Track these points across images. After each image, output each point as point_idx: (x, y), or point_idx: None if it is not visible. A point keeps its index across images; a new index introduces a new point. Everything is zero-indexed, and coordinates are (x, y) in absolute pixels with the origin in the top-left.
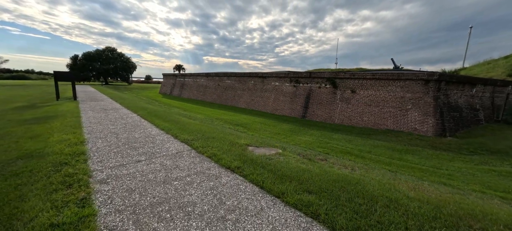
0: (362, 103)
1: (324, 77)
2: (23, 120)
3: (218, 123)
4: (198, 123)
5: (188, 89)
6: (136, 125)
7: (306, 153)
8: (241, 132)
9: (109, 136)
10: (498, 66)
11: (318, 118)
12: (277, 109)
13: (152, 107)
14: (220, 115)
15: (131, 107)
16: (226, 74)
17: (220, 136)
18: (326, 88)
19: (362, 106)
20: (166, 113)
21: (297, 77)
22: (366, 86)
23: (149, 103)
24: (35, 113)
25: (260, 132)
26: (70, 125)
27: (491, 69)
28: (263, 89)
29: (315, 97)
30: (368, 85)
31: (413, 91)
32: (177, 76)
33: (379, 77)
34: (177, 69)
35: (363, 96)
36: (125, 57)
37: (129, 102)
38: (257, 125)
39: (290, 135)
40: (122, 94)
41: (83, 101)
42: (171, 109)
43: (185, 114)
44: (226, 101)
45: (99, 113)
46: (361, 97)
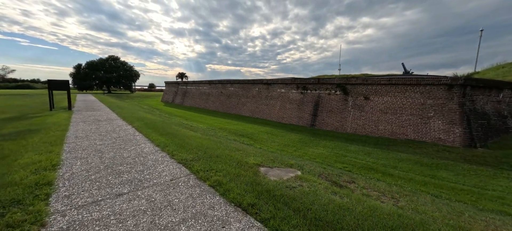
0: (377, 111)
1: (334, 83)
2: (0, 134)
3: (222, 134)
4: (199, 136)
5: (190, 97)
6: (128, 140)
7: (327, 172)
8: (247, 144)
9: (91, 155)
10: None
11: (328, 127)
12: (283, 118)
13: (151, 117)
14: (224, 125)
15: (128, 117)
16: (229, 81)
17: (225, 154)
18: (336, 94)
19: (377, 114)
20: (165, 124)
21: (305, 83)
22: (381, 92)
23: (149, 112)
24: (18, 126)
25: (268, 144)
26: (50, 142)
27: (507, 72)
28: (268, 96)
29: (325, 104)
30: (383, 91)
31: (434, 97)
32: (179, 84)
33: (395, 82)
34: (180, 77)
35: (377, 103)
36: (128, 65)
37: (127, 111)
38: (264, 135)
39: (301, 147)
40: (122, 103)
41: (78, 111)
42: (172, 119)
43: (186, 124)
44: (229, 109)
45: (90, 125)
46: (376, 104)
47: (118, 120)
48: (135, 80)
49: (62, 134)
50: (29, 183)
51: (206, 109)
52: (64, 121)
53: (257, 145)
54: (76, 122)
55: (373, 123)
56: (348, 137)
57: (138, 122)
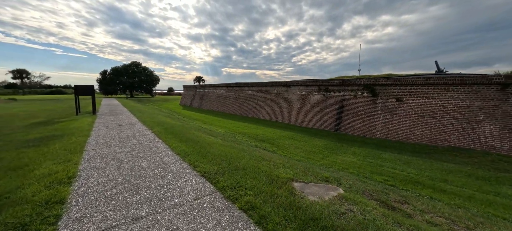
0: (412, 114)
1: (361, 84)
2: (25, 140)
3: (242, 139)
4: (220, 143)
5: (207, 100)
6: (148, 147)
7: (370, 189)
8: (270, 151)
9: (110, 165)
10: None
11: (355, 132)
12: (304, 121)
13: (170, 121)
14: (242, 129)
15: (148, 122)
16: (247, 84)
17: (251, 165)
18: (363, 96)
19: (412, 118)
20: (184, 129)
21: (327, 85)
22: (416, 94)
23: (168, 116)
24: (44, 131)
25: (292, 150)
26: (70, 149)
27: None
28: (288, 99)
29: (350, 107)
30: (419, 92)
31: (484, 98)
32: (197, 87)
33: (434, 82)
34: (197, 80)
35: (412, 106)
36: (149, 70)
37: (147, 116)
38: (286, 140)
39: (329, 154)
40: (143, 107)
41: (101, 116)
42: (190, 123)
43: (204, 128)
44: (246, 112)
45: (111, 130)
46: (411, 107)
47: (138, 125)
48: (155, 84)
49: (83, 140)
50: (40, 200)
51: (223, 113)
52: (87, 126)
53: (280, 151)
54: (98, 127)
55: (408, 127)
56: (379, 143)
57: (158, 127)
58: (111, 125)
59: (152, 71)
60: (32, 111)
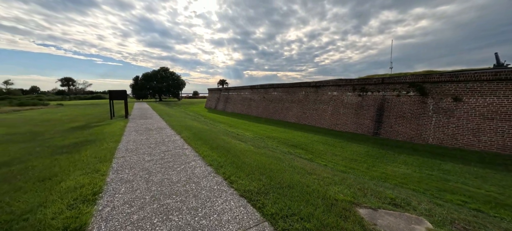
0: (477, 116)
1: (405, 82)
2: (60, 146)
3: (272, 144)
4: (252, 150)
5: (232, 103)
6: (177, 154)
7: (457, 217)
8: (305, 159)
9: (138, 177)
10: None
11: (400, 137)
12: (337, 124)
13: (198, 125)
14: (270, 133)
15: (176, 126)
16: (272, 86)
17: (296, 181)
18: (409, 96)
19: (476, 120)
20: (213, 133)
21: (363, 84)
22: (481, 91)
23: (194, 119)
24: (79, 136)
25: (329, 158)
26: (100, 157)
27: None
28: (317, 100)
29: (392, 108)
30: (486, 89)
31: None
32: (221, 90)
33: (506, 77)
34: (221, 84)
35: (476, 106)
36: (176, 75)
37: (175, 119)
38: (319, 146)
39: (374, 163)
40: (171, 110)
41: (132, 119)
42: (217, 126)
43: (232, 132)
44: (272, 114)
45: (141, 135)
46: (473, 108)
47: (167, 129)
48: (182, 88)
49: (114, 146)
50: (58, 226)
51: (248, 115)
52: (119, 130)
53: (318, 160)
54: (129, 132)
55: (471, 132)
56: (433, 150)
57: (186, 131)
58: (141, 129)
59: (179, 75)
60: (73, 115)
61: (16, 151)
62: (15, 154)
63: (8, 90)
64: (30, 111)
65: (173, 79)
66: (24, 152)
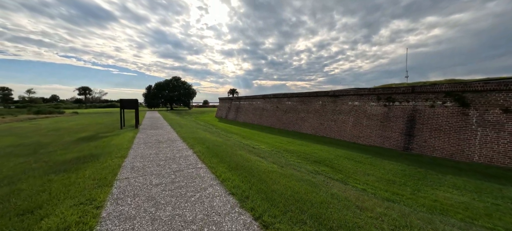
0: None
1: (441, 91)
2: (60, 162)
3: (293, 160)
4: (278, 171)
5: (243, 112)
6: (190, 176)
7: None
8: (339, 180)
9: (142, 211)
10: None
11: (436, 153)
12: (359, 137)
13: (210, 137)
14: (287, 145)
15: (188, 138)
16: (286, 95)
17: (351, 223)
18: (446, 106)
19: None
20: (228, 147)
21: (390, 93)
22: None
23: (206, 130)
24: (84, 149)
25: (362, 178)
26: (100, 178)
27: None
28: (336, 110)
29: (426, 120)
30: None
31: None
32: (233, 99)
33: None
34: (231, 93)
35: None
36: (187, 84)
37: (186, 130)
38: (346, 162)
39: (417, 186)
40: (182, 120)
41: (143, 130)
42: (230, 138)
43: (246, 145)
44: (287, 125)
45: (150, 148)
46: None
47: (178, 142)
48: (193, 97)
49: (118, 163)
50: None
51: (260, 125)
52: (127, 143)
53: (351, 181)
54: (137, 144)
55: None
56: (481, 170)
57: (199, 145)
58: (150, 141)
59: (190, 85)
60: (84, 124)
61: (11, 167)
62: (9, 171)
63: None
64: (45, 119)
65: (185, 88)
66: (19, 169)
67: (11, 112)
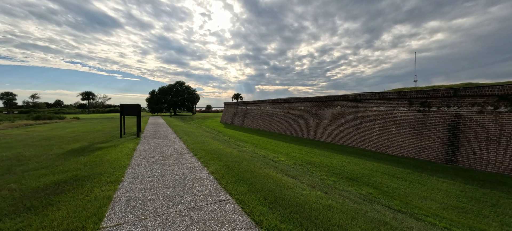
0: None
1: (492, 94)
2: (29, 191)
3: (326, 177)
4: (332, 204)
5: (251, 118)
6: (214, 221)
7: None
8: (398, 211)
9: None
10: None
11: (489, 167)
12: (388, 147)
13: (223, 148)
14: (308, 157)
15: (198, 150)
16: (299, 100)
17: None
18: (499, 113)
19: None
20: (248, 163)
21: (425, 97)
22: None
23: (215, 138)
24: (69, 168)
25: (422, 204)
26: (76, 228)
27: None
28: (358, 116)
29: (474, 129)
30: None
31: None
32: (239, 104)
33: None
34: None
35: None
36: (191, 89)
37: (194, 139)
38: (387, 180)
39: (498, 215)
40: (187, 126)
41: (145, 138)
42: (243, 148)
43: (265, 157)
44: (299, 132)
45: (153, 166)
46: None
47: (187, 156)
48: (196, 102)
49: (109, 194)
50: None
51: (269, 132)
52: (124, 158)
53: (411, 208)
54: (138, 160)
55: None
56: None
57: (214, 161)
58: (153, 155)
59: (194, 90)
60: (81, 132)
61: None
62: None
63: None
64: (43, 125)
65: (189, 93)
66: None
67: (10, 117)
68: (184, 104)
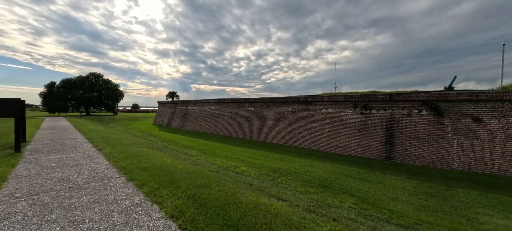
0: (504, 138)
1: (417, 99)
2: None
3: (301, 188)
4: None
5: (192, 119)
6: None
7: None
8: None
9: None
10: None
11: (417, 161)
12: (337, 147)
13: (169, 160)
14: (268, 162)
15: (134, 169)
16: (248, 100)
17: None
18: (422, 115)
19: (505, 143)
20: (217, 183)
21: (367, 101)
22: (503, 112)
23: (151, 145)
24: None
25: (396, 208)
26: None
27: None
28: (309, 118)
29: (404, 129)
30: (507, 109)
31: None
32: (177, 103)
33: None
34: (171, 96)
35: (501, 127)
36: (112, 84)
37: (123, 150)
38: (354, 183)
39: (456, 209)
40: (110, 131)
41: (33, 154)
42: (191, 155)
43: (223, 168)
44: (250, 134)
45: (47, 222)
46: (498, 129)
47: (116, 182)
48: (119, 100)
49: None
50: None
51: (215, 135)
52: None
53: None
54: (9, 207)
55: (501, 155)
56: (467, 178)
57: (166, 190)
58: (48, 189)
59: (116, 85)
60: None
61: None
62: None
63: None
64: None
65: (109, 88)
66: None
67: None
68: (102, 101)
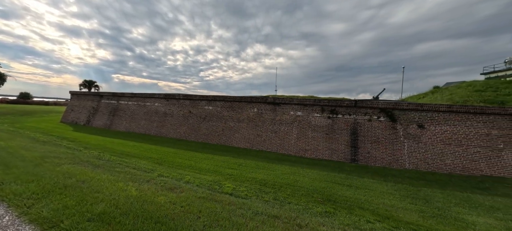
0: (439, 142)
1: (377, 107)
2: None
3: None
4: None
5: (127, 117)
6: None
7: None
8: None
9: None
10: (455, 94)
11: (377, 162)
12: (306, 150)
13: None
14: (249, 173)
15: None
16: (206, 98)
17: None
18: (380, 121)
19: (439, 146)
20: None
21: (334, 105)
22: (438, 120)
23: (74, 156)
24: None
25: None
26: None
27: (450, 96)
28: (276, 120)
29: (366, 133)
30: (441, 119)
31: (500, 127)
32: (103, 96)
33: (456, 110)
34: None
35: (436, 133)
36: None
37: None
38: (343, 191)
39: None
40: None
41: None
42: (144, 170)
43: (207, 187)
44: (207, 137)
45: None
46: (435, 134)
47: None
48: None
49: None
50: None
51: (161, 137)
52: None
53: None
54: None
55: (437, 156)
56: (419, 176)
57: None
58: None
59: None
60: None
61: None
62: None
63: None
64: None
65: None
66: None
67: None
68: None
